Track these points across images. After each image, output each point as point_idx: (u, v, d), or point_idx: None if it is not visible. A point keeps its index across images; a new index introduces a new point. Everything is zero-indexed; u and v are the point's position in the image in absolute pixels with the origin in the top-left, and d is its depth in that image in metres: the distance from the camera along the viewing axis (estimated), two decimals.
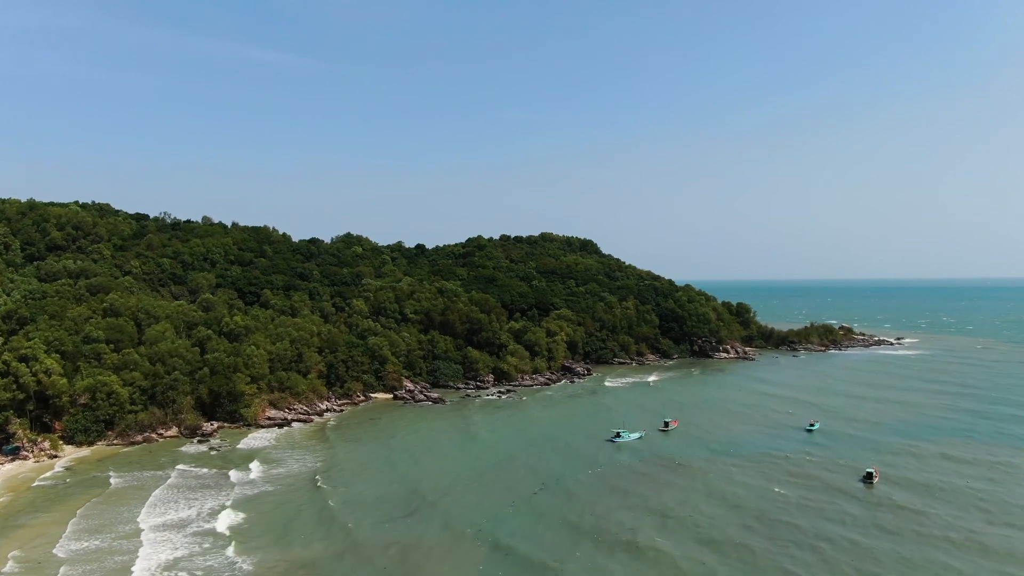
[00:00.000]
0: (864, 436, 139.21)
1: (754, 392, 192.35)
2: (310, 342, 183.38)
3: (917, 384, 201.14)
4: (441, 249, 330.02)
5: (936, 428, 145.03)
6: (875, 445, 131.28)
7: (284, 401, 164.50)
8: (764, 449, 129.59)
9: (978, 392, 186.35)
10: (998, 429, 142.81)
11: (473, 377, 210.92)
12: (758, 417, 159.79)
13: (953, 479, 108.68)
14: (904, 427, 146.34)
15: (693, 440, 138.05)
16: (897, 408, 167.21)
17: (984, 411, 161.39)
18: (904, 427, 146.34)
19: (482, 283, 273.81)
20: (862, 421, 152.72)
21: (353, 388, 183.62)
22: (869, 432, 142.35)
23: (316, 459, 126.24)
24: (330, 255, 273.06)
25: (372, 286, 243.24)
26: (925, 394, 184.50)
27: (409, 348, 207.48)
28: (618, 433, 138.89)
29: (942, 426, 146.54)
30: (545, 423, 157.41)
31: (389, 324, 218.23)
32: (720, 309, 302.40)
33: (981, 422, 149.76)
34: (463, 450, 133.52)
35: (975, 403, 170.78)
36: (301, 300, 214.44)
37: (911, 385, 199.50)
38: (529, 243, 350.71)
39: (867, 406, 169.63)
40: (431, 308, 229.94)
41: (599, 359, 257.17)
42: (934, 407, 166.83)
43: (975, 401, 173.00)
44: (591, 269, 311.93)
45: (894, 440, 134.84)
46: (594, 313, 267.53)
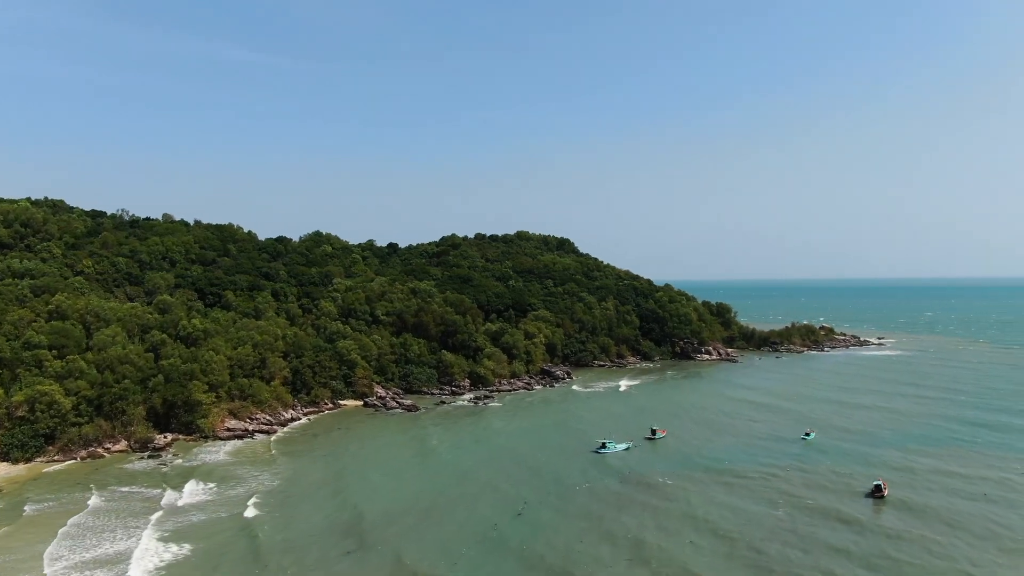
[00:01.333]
0: (861, 446, 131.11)
1: (742, 398, 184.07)
2: (274, 346, 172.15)
3: (907, 389, 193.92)
4: (414, 248, 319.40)
5: (934, 437, 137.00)
6: (874, 456, 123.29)
7: (245, 410, 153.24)
8: (760, 462, 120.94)
9: (970, 397, 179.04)
10: (999, 439, 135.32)
11: (448, 382, 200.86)
12: (750, 426, 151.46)
13: (964, 498, 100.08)
14: (902, 436, 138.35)
15: (683, 452, 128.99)
16: (891, 415, 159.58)
17: (979, 419, 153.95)
18: (902, 436, 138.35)
19: (457, 283, 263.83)
20: (856, 430, 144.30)
21: (320, 395, 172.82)
22: (865, 442, 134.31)
23: (265, 478, 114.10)
24: (298, 254, 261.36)
25: (342, 286, 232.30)
26: (916, 400, 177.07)
27: (380, 352, 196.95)
28: (604, 444, 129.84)
29: (939, 435, 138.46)
30: (522, 433, 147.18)
31: (359, 326, 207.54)
32: (701, 309, 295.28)
33: (980, 431, 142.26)
34: (428, 467, 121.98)
35: (969, 410, 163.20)
36: (265, 301, 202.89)
37: (900, 390, 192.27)
38: (505, 242, 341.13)
39: (859, 413, 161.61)
40: (404, 309, 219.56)
41: (578, 361, 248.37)
42: (928, 414, 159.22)
43: (968, 408, 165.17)
44: (569, 269, 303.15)
45: (893, 450, 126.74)
46: (573, 314, 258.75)
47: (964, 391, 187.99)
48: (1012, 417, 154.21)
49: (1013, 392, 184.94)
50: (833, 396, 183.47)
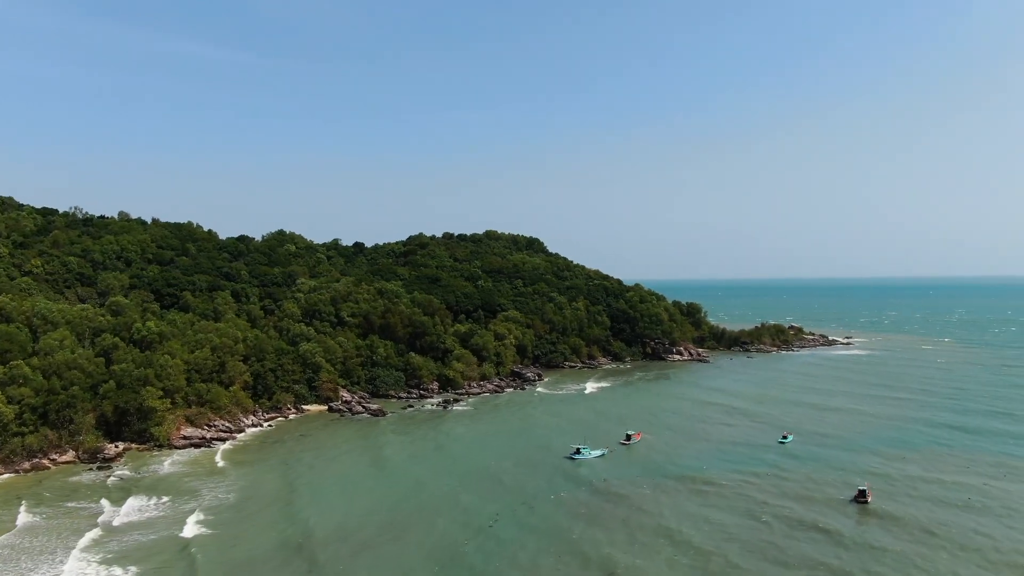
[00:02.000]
0: (838, 451, 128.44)
1: (715, 401, 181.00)
2: (234, 349, 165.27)
3: (878, 390, 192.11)
4: (381, 248, 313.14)
5: (910, 441, 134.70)
6: (852, 461, 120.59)
7: (203, 417, 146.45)
8: (737, 468, 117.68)
9: (940, 399, 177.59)
10: (974, 442, 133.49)
11: (416, 385, 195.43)
12: (725, 430, 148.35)
13: (946, 506, 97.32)
14: (878, 440, 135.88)
15: (658, 459, 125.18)
16: (865, 418, 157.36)
17: (953, 421, 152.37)
18: (878, 440, 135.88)
19: (425, 283, 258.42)
20: (832, 435, 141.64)
21: (283, 400, 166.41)
22: (842, 446, 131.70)
23: (216, 491, 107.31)
24: (260, 254, 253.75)
25: (306, 287, 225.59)
26: (889, 402, 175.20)
27: (346, 355, 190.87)
28: (578, 450, 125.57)
29: (915, 439, 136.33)
30: (492, 439, 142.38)
31: (324, 328, 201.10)
32: (672, 309, 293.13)
33: (955, 434, 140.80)
34: (388, 478, 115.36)
35: (941, 412, 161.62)
36: (225, 302, 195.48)
37: (872, 392, 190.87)
38: (474, 241, 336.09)
39: (834, 417, 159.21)
40: (370, 311, 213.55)
41: (549, 363, 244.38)
42: (902, 416, 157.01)
43: (941, 410, 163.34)
44: (539, 268, 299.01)
45: (870, 455, 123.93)
46: (543, 314, 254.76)
47: (934, 392, 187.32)
48: (984, 419, 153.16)
49: (982, 393, 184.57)
50: (806, 399, 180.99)
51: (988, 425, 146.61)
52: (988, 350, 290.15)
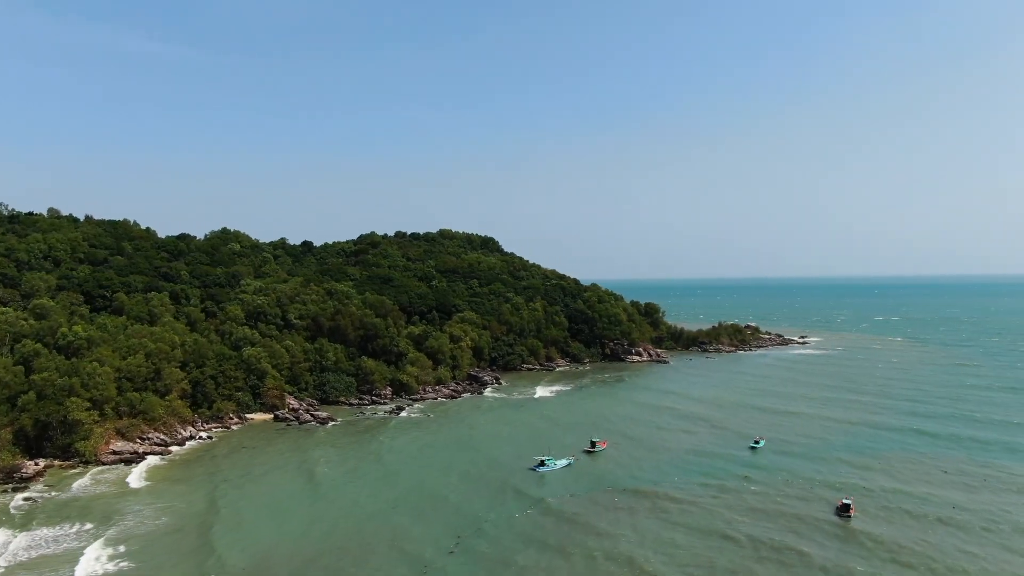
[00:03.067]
0: (808, 458, 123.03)
1: (679, 404, 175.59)
2: (171, 355, 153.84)
3: (840, 393, 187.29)
4: (330, 247, 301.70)
5: (881, 448, 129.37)
6: (824, 470, 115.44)
7: (135, 429, 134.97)
8: (709, 474, 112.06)
9: (903, 401, 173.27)
10: (945, 448, 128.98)
11: (368, 391, 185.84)
12: (690, 435, 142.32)
13: (929, 522, 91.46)
14: (847, 446, 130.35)
15: (625, 469, 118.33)
16: (831, 422, 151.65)
17: (919, 425, 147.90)
18: (847, 446, 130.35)
19: (377, 284, 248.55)
20: (800, 440, 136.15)
21: (224, 409, 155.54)
22: (812, 453, 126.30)
23: (128, 515, 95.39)
24: (202, 253, 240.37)
25: (250, 288, 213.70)
26: (854, 406, 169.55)
27: (293, 359, 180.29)
28: (542, 461, 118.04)
29: (886, 445, 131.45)
30: (448, 449, 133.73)
31: (270, 331, 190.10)
32: (630, 309, 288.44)
33: (924, 439, 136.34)
34: (325, 498, 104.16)
35: (906, 417, 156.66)
36: (162, 304, 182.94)
37: (836, 395, 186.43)
38: (427, 240, 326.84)
39: (799, 420, 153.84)
40: (319, 312, 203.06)
41: (506, 365, 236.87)
42: (870, 422, 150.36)
43: (905, 415, 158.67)
44: (494, 268, 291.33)
45: (845, 465, 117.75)
46: (500, 315, 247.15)
47: (894, 394, 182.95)
48: (948, 422, 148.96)
49: (940, 394, 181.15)
50: (769, 403, 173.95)
51: (952, 429, 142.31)
52: (938, 349, 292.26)
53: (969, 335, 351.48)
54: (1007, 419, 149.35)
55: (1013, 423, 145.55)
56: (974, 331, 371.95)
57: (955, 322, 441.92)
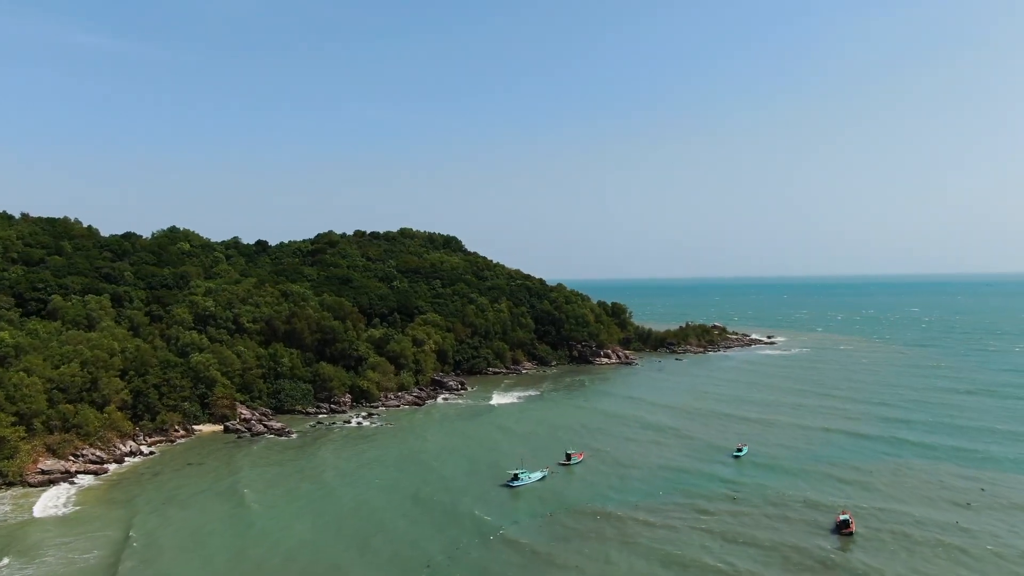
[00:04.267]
0: (796, 467, 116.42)
1: (652, 410, 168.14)
2: (109, 363, 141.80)
3: (815, 398, 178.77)
4: (286, 246, 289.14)
5: (862, 456, 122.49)
6: (815, 480, 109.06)
7: (68, 446, 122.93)
8: (691, 491, 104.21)
9: (878, 406, 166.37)
10: (926, 456, 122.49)
11: (326, 398, 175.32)
12: (666, 445, 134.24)
13: (929, 546, 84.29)
14: (830, 456, 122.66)
15: (601, 480, 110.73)
16: (810, 431, 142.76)
17: (900, 432, 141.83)
18: (830, 456, 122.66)
19: (335, 284, 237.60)
20: (784, 447, 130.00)
21: (169, 421, 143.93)
22: (799, 462, 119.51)
23: (32, 555, 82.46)
24: (148, 252, 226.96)
25: (200, 289, 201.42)
26: (829, 411, 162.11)
27: (245, 366, 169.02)
28: (516, 475, 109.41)
29: (866, 453, 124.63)
30: (411, 463, 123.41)
31: (220, 336, 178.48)
32: (597, 310, 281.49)
33: (908, 448, 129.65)
34: (264, 530, 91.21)
35: (884, 422, 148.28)
36: (101, 308, 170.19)
37: (809, 400, 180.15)
38: (387, 239, 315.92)
39: (776, 429, 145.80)
40: (273, 315, 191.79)
41: (472, 369, 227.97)
42: (848, 428, 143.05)
43: (882, 420, 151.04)
44: (458, 268, 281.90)
45: (828, 476, 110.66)
46: (464, 317, 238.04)
47: (869, 398, 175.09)
48: (927, 429, 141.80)
49: (915, 397, 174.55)
50: (744, 410, 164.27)
51: (936, 437, 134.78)
52: (905, 348, 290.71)
53: (933, 334, 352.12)
54: (990, 426, 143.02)
55: (998, 430, 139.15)
56: (938, 330, 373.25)
57: (917, 321, 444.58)
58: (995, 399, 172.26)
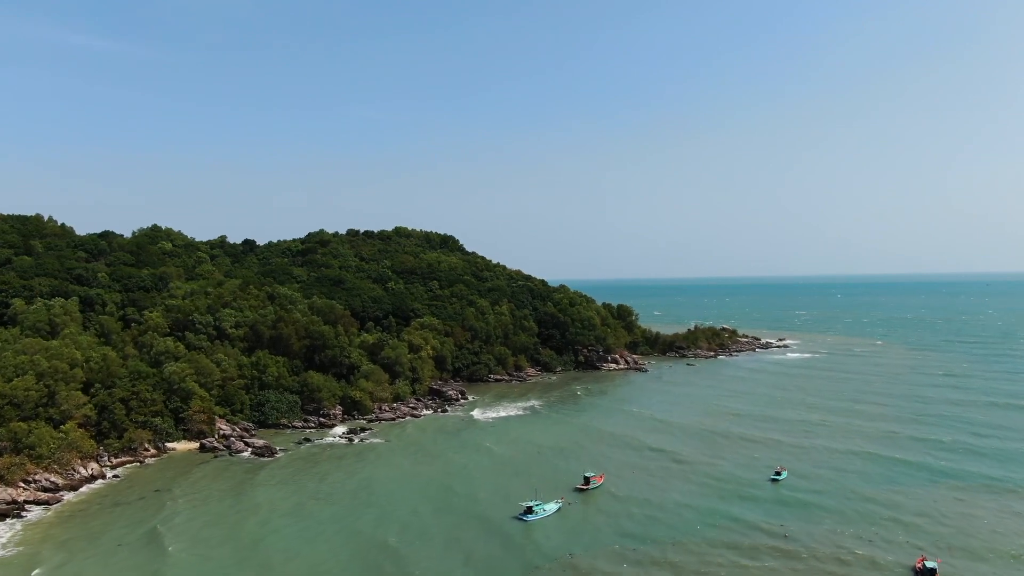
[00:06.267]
0: (846, 495, 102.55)
1: (672, 424, 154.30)
2: (70, 375, 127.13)
3: (852, 418, 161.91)
4: (275, 246, 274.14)
5: (909, 482, 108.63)
6: (872, 510, 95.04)
7: (19, 470, 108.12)
8: (730, 524, 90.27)
9: (925, 421, 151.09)
10: (983, 484, 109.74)
11: (315, 411, 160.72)
12: (697, 463, 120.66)
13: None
14: (874, 479, 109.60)
15: (623, 512, 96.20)
16: (856, 448, 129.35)
17: (949, 442, 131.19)
18: (874, 479, 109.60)
19: (326, 286, 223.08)
20: (827, 470, 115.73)
21: (137, 439, 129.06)
22: (848, 488, 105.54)
23: None
24: (126, 252, 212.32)
25: (180, 292, 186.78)
26: (871, 429, 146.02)
27: (226, 376, 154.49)
28: (530, 508, 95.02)
29: (913, 478, 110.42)
30: (408, 490, 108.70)
31: (199, 342, 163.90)
32: (603, 312, 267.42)
33: (963, 460, 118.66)
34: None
35: (927, 445, 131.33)
36: (66, 312, 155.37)
37: (840, 406, 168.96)
38: (382, 239, 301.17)
39: (818, 444, 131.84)
40: (258, 320, 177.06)
41: (472, 376, 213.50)
42: (888, 446, 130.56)
43: (923, 426, 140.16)
44: (456, 268, 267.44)
45: (879, 504, 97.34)
46: (464, 320, 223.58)
47: (910, 414, 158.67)
48: (993, 456, 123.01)
49: (949, 413, 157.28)
50: (776, 427, 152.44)
51: (985, 462, 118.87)
52: (924, 353, 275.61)
53: (948, 336, 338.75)
54: None
55: None
56: (952, 332, 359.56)
57: (927, 323, 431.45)
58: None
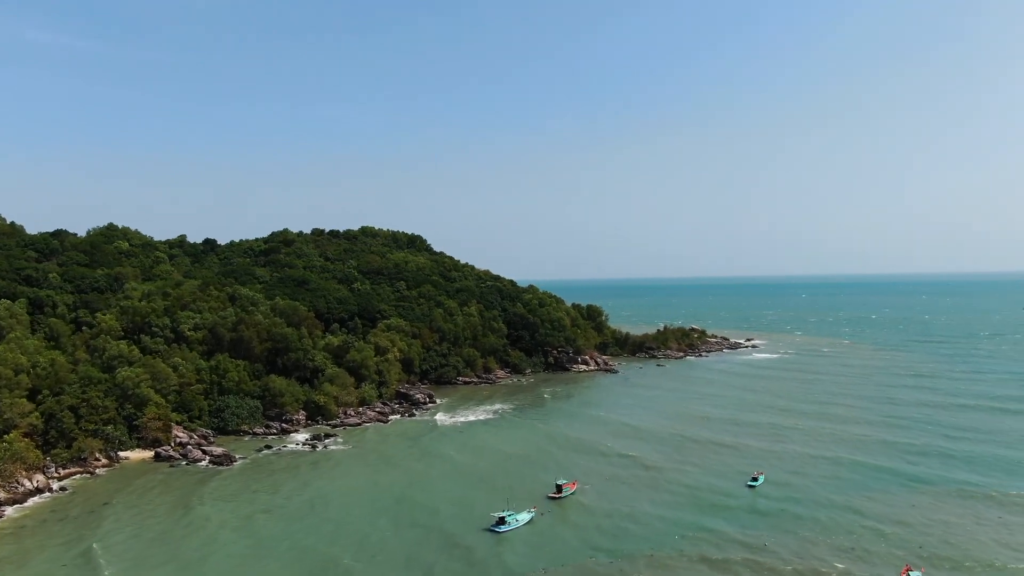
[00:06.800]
0: (824, 494, 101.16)
1: (642, 428, 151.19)
2: (14, 381, 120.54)
3: (822, 406, 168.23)
4: (237, 245, 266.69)
5: (890, 489, 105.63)
6: (856, 520, 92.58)
7: None
8: (708, 536, 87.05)
9: (903, 424, 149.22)
10: (978, 480, 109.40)
11: (277, 416, 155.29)
12: (668, 472, 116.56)
13: None
14: (854, 488, 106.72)
15: (598, 525, 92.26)
16: (834, 444, 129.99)
17: (926, 446, 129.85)
18: (854, 488, 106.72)
19: (290, 287, 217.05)
20: (803, 471, 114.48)
21: (87, 448, 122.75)
22: (826, 488, 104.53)
23: None
24: (80, 252, 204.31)
25: (135, 293, 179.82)
26: (847, 432, 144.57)
27: (183, 381, 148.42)
28: (502, 518, 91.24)
29: (893, 485, 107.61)
30: (372, 501, 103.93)
31: (156, 345, 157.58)
32: (573, 313, 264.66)
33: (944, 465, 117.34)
34: None
35: (901, 449, 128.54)
36: (12, 315, 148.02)
37: (814, 409, 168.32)
38: (348, 238, 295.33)
39: (796, 448, 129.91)
40: (218, 322, 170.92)
41: (440, 378, 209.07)
42: (880, 451, 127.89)
43: (899, 446, 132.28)
44: (424, 269, 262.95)
45: (860, 514, 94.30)
46: (432, 322, 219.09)
47: (885, 416, 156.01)
48: (970, 458, 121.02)
49: (920, 415, 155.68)
50: (748, 439, 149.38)
51: (977, 465, 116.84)
52: (890, 353, 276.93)
53: (911, 336, 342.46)
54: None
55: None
56: (914, 332, 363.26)
57: (891, 322, 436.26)
58: (1011, 416, 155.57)
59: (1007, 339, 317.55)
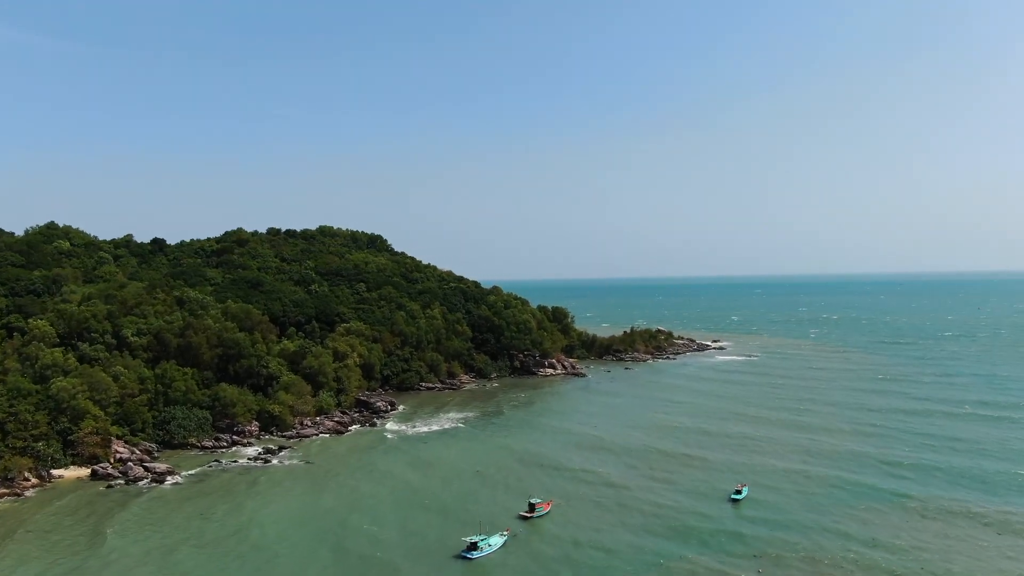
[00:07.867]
0: (810, 512, 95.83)
1: (614, 438, 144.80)
2: None
3: (794, 415, 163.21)
4: (187, 245, 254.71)
5: (874, 506, 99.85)
6: (836, 529, 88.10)
7: None
8: (694, 556, 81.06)
9: (862, 424, 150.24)
10: (961, 494, 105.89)
11: (228, 428, 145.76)
12: (647, 488, 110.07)
13: None
14: (844, 491, 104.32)
15: (576, 546, 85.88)
16: (810, 457, 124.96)
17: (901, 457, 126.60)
18: (844, 491, 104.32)
19: (243, 288, 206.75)
20: (784, 487, 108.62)
21: (16, 467, 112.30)
22: (811, 504, 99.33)
23: None
24: (15, 252, 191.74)
25: (75, 296, 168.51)
26: (812, 442, 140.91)
27: (125, 391, 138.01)
28: (474, 544, 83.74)
29: (879, 497, 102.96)
30: (324, 528, 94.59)
31: (95, 353, 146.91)
32: (539, 315, 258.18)
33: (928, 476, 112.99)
34: None
35: (879, 460, 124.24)
36: None
37: (792, 418, 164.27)
38: (305, 238, 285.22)
39: (773, 463, 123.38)
40: (164, 327, 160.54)
41: (402, 384, 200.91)
42: (849, 450, 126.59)
43: (878, 458, 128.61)
44: (385, 270, 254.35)
45: (844, 536, 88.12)
46: (393, 325, 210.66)
47: (860, 425, 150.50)
48: (953, 470, 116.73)
49: (891, 421, 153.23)
50: (718, 453, 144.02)
51: (963, 477, 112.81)
52: (858, 355, 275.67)
53: (876, 337, 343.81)
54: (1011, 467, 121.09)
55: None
56: (879, 334, 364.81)
57: (854, 323, 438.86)
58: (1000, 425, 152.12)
59: (974, 340, 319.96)
